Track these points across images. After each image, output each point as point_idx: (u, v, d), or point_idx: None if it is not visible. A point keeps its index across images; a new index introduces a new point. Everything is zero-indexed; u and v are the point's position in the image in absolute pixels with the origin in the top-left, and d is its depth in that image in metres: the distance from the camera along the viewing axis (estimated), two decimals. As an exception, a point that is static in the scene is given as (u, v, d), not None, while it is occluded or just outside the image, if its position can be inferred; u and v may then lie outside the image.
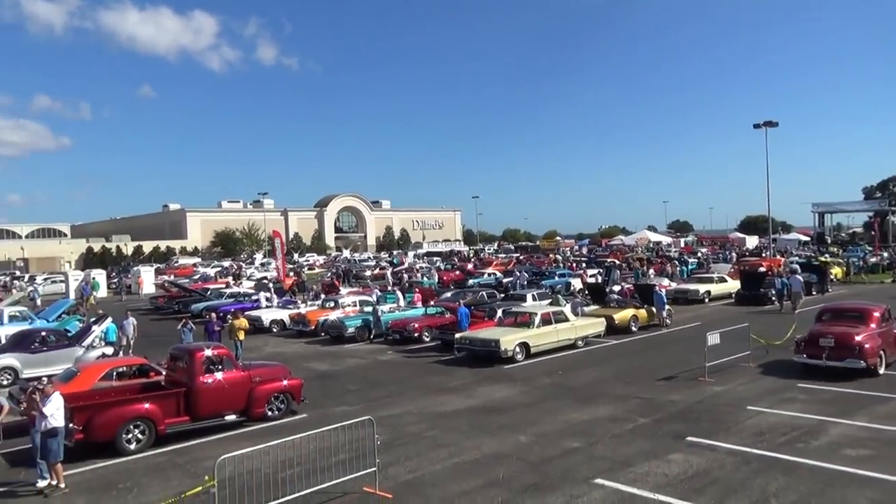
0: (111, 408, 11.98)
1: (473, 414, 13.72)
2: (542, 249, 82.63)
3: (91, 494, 9.97)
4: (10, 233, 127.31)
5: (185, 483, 9.94)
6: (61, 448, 10.24)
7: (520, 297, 27.97)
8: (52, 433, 10.11)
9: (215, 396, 12.89)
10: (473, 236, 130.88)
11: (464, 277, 45.26)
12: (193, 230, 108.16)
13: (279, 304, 31.07)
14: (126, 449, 11.76)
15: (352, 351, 22.39)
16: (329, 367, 19.74)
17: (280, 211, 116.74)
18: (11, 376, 17.99)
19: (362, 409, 13.71)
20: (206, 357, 13.10)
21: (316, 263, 72.89)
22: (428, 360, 20.10)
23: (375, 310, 24.96)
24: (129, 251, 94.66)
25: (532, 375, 17.25)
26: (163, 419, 12.23)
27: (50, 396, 10.35)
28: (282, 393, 13.89)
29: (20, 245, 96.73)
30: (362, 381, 17.50)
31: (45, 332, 20.26)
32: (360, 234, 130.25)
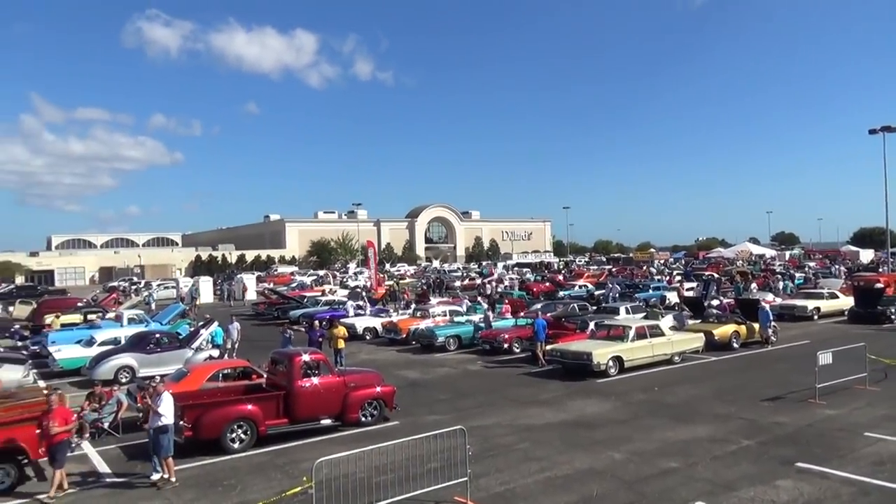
0: (218, 407, 12.63)
1: (565, 428, 13.49)
2: (636, 261, 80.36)
3: (199, 489, 10.54)
4: (130, 241, 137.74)
5: (285, 483, 10.34)
6: (171, 444, 10.91)
7: (612, 310, 27.29)
8: (164, 430, 10.80)
9: (312, 400, 13.33)
10: (563, 247, 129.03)
11: (554, 289, 44.72)
12: (291, 240, 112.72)
13: (372, 313, 31.76)
14: (230, 447, 12.36)
15: (442, 360, 22.57)
16: (420, 375, 19.98)
17: (373, 221, 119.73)
18: (129, 375, 19.33)
19: (453, 419, 13.78)
20: (304, 362, 13.58)
21: (406, 273, 74.14)
22: (518, 372, 19.96)
23: (487, 317, 25.18)
24: (233, 259, 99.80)
25: (626, 391, 16.77)
26: (264, 420, 12.77)
27: (161, 395, 11.05)
28: (375, 399, 14.20)
29: (137, 253, 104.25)
30: (452, 391, 17.60)
31: (159, 335, 21.65)
32: (450, 244, 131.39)
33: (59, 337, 23.92)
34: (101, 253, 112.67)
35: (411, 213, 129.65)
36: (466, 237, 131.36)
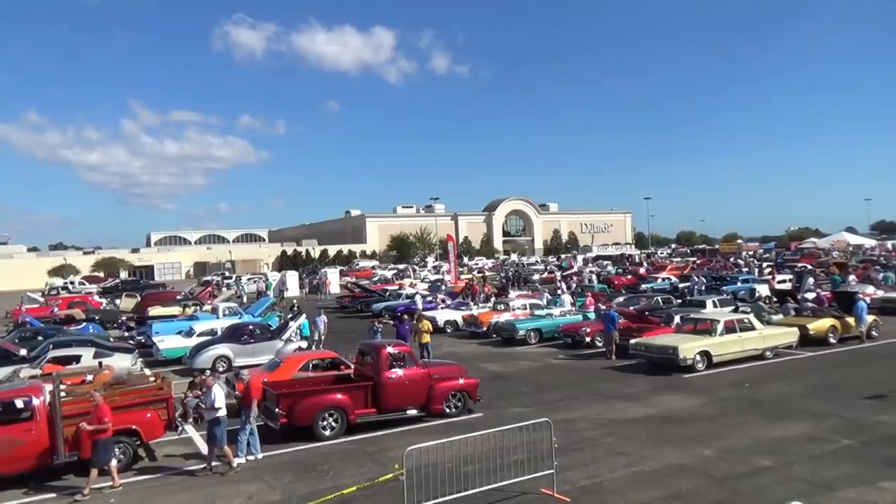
0: (309, 396, 13.21)
1: (652, 423, 13.29)
2: (722, 253, 77.30)
3: (295, 473, 11.09)
4: (221, 238, 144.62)
5: (375, 470, 10.74)
6: (225, 434, 11.42)
7: (698, 304, 26.47)
8: (217, 422, 11.34)
9: (398, 391, 13.72)
10: (645, 239, 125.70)
11: (636, 282, 43.74)
12: (372, 234, 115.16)
13: (452, 306, 32.11)
14: (322, 435, 12.91)
15: (523, 353, 22.61)
16: (502, 368, 20.11)
17: (450, 215, 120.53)
18: (226, 364, 20.43)
19: (536, 412, 13.82)
20: (390, 354, 13.99)
21: (484, 267, 74.31)
22: (601, 366, 19.75)
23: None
24: (316, 254, 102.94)
25: (714, 386, 16.31)
26: (353, 409, 13.26)
27: (212, 389, 11.58)
28: (459, 391, 14.45)
29: (228, 248, 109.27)
30: (535, 384, 17.64)
31: (252, 326, 22.74)
32: (528, 237, 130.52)
33: (162, 328, 25.52)
34: (195, 249, 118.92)
35: (489, 206, 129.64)
36: (544, 230, 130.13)
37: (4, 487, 10.83)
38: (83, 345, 19.93)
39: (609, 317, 21.01)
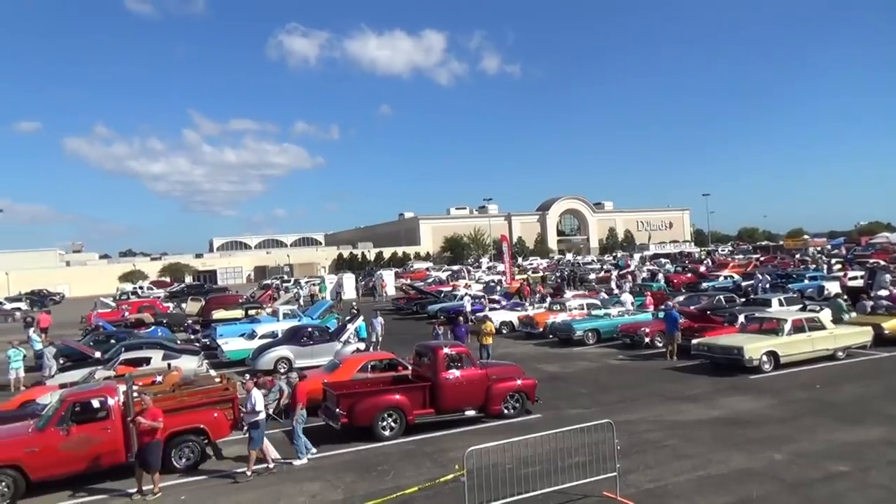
0: (369, 397, 13.36)
1: (717, 425, 12.91)
2: (786, 249, 74.46)
3: (356, 472, 11.24)
4: (279, 242, 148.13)
5: (434, 470, 10.78)
6: (261, 437, 11.61)
7: (763, 302, 25.60)
8: (255, 425, 11.51)
9: (456, 392, 13.74)
10: (704, 237, 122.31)
11: (696, 280, 42.60)
12: (425, 236, 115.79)
13: (507, 307, 31.97)
14: (381, 435, 13.05)
15: (581, 354, 22.32)
16: (559, 369, 19.90)
17: (504, 216, 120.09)
18: (287, 365, 20.86)
19: (596, 413, 13.61)
20: (447, 355, 14.02)
21: (539, 267, 73.74)
22: (661, 366, 19.31)
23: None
24: (371, 257, 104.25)
25: (783, 388, 15.72)
26: (412, 410, 13.35)
27: (251, 393, 11.76)
28: (517, 392, 14.37)
29: (286, 252, 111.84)
30: (593, 385, 17.39)
31: (311, 328, 23.19)
32: (583, 236, 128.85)
33: (226, 331, 26.29)
34: (254, 253, 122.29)
35: (542, 205, 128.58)
36: (599, 229, 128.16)
37: (48, 490, 11.05)
38: (153, 347, 20.75)
39: (671, 317, 20.53)
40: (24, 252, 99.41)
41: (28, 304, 58.82)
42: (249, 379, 12.92)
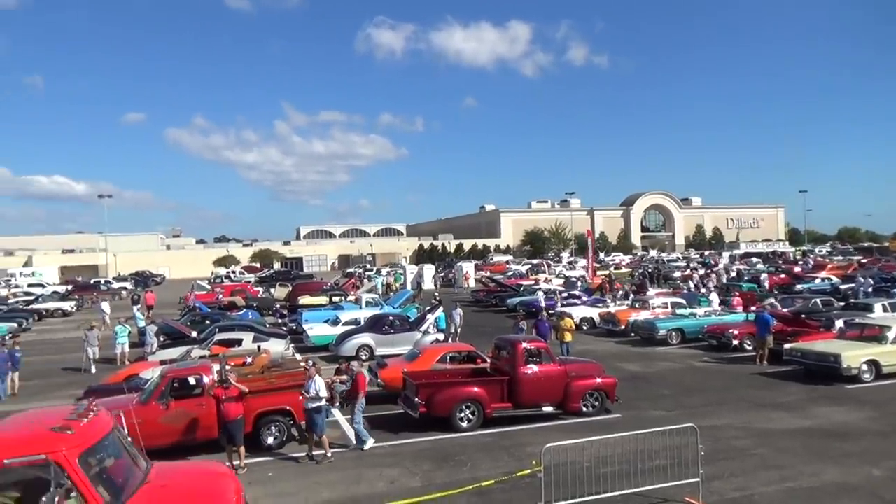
0: (448, 388, 13.54)
1: (809, 436, 12.29)
2: (892, 251, 69.41)
3: (433, 462, 11.44)
4: (362, 231, 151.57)
5: (512, 464, 10.84)
6: (325, 423, 11.88)
7: (865, 307, 24.03)
8: (318, 410, 11.77)
9: (534, 387, 13.71)
10: (800, 236, 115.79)
11: (790, 282, 40.44)
12: (506, 229, 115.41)
13: (589, 303, 31.48)
14: (459, 426, 13.21)
15: (663, 354, 21.74)
16: (641, 368, 19.47)
17: (586, 210, 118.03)
18: (368, 353, 21.42)
19: (679, 416, 13.28)
20: (527, 349, 14.00)
21: (621, 263, 72.08)
22: (750, 371, 18.53)
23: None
24: (451, 248, 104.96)
25: (885, 399, 14.76)
26: (489, 403, 13.43)
27: (313, 378, 12.02)
28: (596, 390, 14.19)
29: (369, 242, 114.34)
30: (677, 387, 16.92)
31: (392, 317, 23.67)
32: (668, 233, 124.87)
33: (311, 316, 27.25)
34: (339, 242, 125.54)
35: (626, 200, 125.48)
36: (686, 225, 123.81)
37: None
38: (244, 329, 21.80)
39: (763, 319, 19.65)
40: (130, 235, 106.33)
41: (133, 284, 62.92)
42: (312, 365, 13.27)
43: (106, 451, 6.43)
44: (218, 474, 7.96)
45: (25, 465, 5.84)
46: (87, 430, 6.44)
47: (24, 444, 6.06)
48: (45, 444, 6.01)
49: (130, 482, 6.48)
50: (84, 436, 6.29)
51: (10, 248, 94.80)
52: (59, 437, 6.12)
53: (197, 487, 7.16)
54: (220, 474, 7.96)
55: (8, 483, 5.99)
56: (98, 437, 6.41)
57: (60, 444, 6.01)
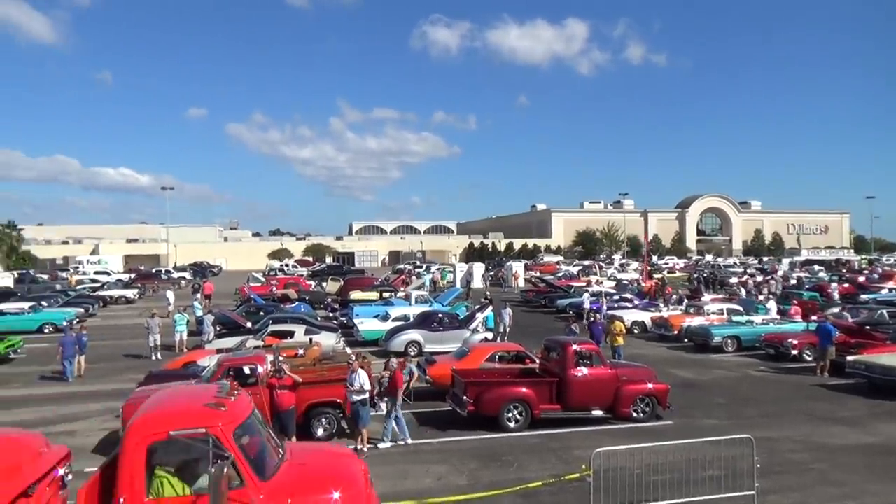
0: (496, 387, 13.53)
1: (873, 453, 11.78)
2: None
3: (480, 461, 11.45)
4: (413, 228, 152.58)
5: (559, 467, 10.76)
6: (369, 416, 12.03)
7: (937, 321, 22.86)
8: (362, 403, 11.88)
9: (584, 390, 13.56)
10: (866, 243, 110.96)
11: (854, 291, 38.79)
12: (557, 229, 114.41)
13: (641, 307, 30.94)
14: (507, 426, 13.18)
15: (718, 361, 21.19)
16: (694, 375, 19.03)
17: (640, 212, 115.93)
18: (417, 349, 21.59)
19: (733, 426, 12.91)
20: (577, 351, 13.86)
21: (676, 267, 70.51)
22: (809, 382, 17.88)
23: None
24: (501, 247, 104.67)
25: (957, 419, 14.03)
26: (538, 404, 13.36)
27: (357, 372, 12.10)
28: (647, 396, 13.95)
29: (419, 239, 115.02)
30: (731, 395, 16.47)
31: (441, 314, 23.78)
32: (725, 237, 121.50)
33: (362, 311, 27.61)
34: (390, 238, 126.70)
35: (682, 203, 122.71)
36: (744, 230, 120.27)
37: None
38: (297, 322, 22.26)
39: (825, 329, 18.93)
40: (190, 227, 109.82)
41: (191, 274, 64.98)
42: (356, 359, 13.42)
43: (250, 430, 6.72)
44: (345, 455, 8.25)
45: (188, 437, 6.17)
46: (236, 407, 6.79)
47: (186, 418, 6.41)
48: (204, 418, 6.35)
49: (272, 460, 6.78)
50: (235, 413, 6.63)
51: (79, 237, 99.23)
52: (214, 412, 6.46)
53: (331, 466, 7.43)
54: (347, 455, 8.26)
55: (168, 454, 6.34)
56: (244, 416, 6.74)
57: (217, 419, 6.34)
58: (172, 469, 6.31)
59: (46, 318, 28.78)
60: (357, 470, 7.35)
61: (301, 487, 6.56)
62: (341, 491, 6.70)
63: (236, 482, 5.95)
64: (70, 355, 18.77)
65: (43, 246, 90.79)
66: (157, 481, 6.11)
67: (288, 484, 6.54)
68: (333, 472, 7.17)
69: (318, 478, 6.89)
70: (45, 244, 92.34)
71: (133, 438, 6.16)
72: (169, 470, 6.26)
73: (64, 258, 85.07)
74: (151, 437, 6.19)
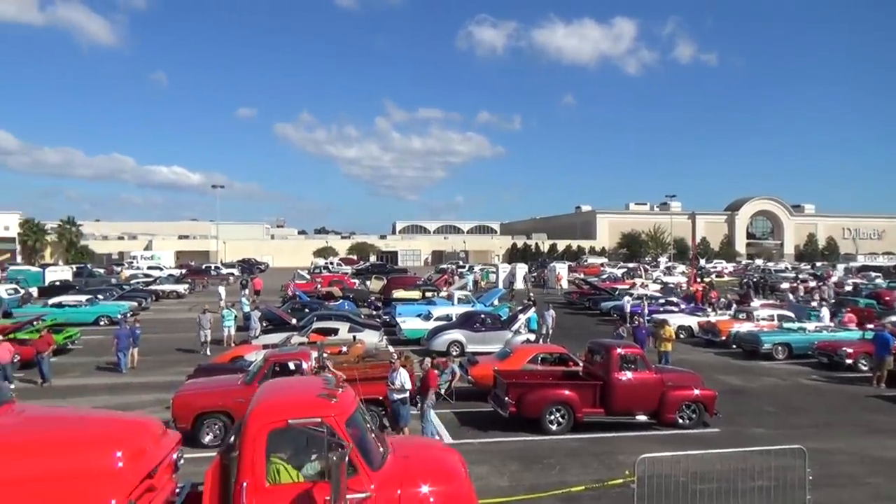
0: (538, 389, 13.46)
1: (933, 468, 11.31)
2: None
3: (521, 463, 11.41)
4: (456, 228, 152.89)
5: (602, 472, 10.64)
6: (409, 414, 12.06)
7: None
8: (403, 401, 11.87)
9: (628, 394, 13.38)
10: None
11: (916, 299, 37.17)
12: (602, 231, 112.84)
13: (687, 311, 30.31)
14: (549, 428, 13.11)
15: (768, 369, 20.61)
16: (742, 382, 18.56)
17: (687, 214, 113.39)
18: (459, 349, 21.62)
19: (782, 436, 12.55)
20: (621, 355, 13.68)
21: (724, 271, 68.84)
22: (865, 393, 17.25)
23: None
24: (545, 248, 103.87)
25: None
26: (581, 407, 13.24)
27: (398, 371, 12.09)
28: (694, 402, 13.67)
29: (462, 239, 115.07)
30: (782, 404, 16.01)
31: (484, 315, 23.75)
32: (776, 241, 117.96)
33: (405, 310, 27.78)
34: (433, 238, 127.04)
35: (731, 205, 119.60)
36: (797, 234, 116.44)
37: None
38: (341, 319, 22.55)
39: (882, 339, 18.24)
40: (239, 224, 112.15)
41: (239, 270, 66.45)
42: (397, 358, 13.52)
43: (357, 422, 6.90)
44: (445, 449, 8.36)
45: (305, 425, 6.35)
46: (346, 399, 6.95)
47: (303, 407, 6.58)
48: (319, 407, 6.52)
49: (378, 451, 6.92)
50: (345, 404, 6.80)
51: (134, 233, 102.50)
52: (328, 403, 6.63)
53: (434, 459, 7.53)
54: (446, 449, 8.35)
55: (283, 442, 6.54)
56: (353, 408, 6.90)
57: (331, 409, 6.51)
58: (285, 457, 6.47)
59: (102, 311, 29.87)
60: (459, 463, 7.44)
61: (410, 478, 6.66)
62: (448, 484, 6.81)
63: (349, 471, 6.06)
64: (124, 347, 19.43)
65: (100, 241, 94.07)
66: (272, 468, 6.28)
67: (396, 475, 6.65)
68: (438, 466, 7.27)
69: (425, 470, 6.98)
70: (102, 239, 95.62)
71: (254, 425, 6.34)
72: (281, 457, 6.43)
73: (119, 253, 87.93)
74: (271, 425, 6.36)
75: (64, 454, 5.55)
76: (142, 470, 5.73)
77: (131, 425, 6.39)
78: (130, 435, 6.03)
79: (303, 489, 6.20)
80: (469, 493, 6.86)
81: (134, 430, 6.19)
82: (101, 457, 5.56)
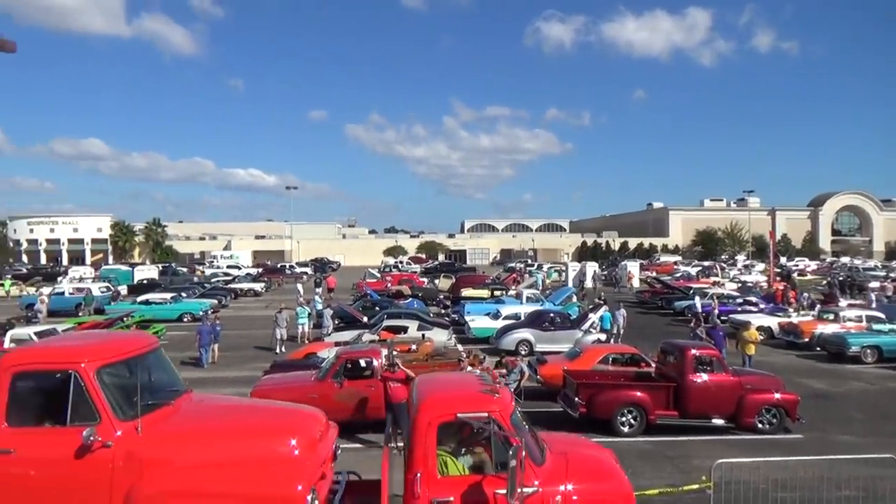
0: (610, 390, 13.24)
1: None
2: None
3: (592, 464, 11.25)
4: (524, 226, 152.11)
5: (676, 477, 10.36)
6: None
7: None
8: None
9: (704, 396, 12.98)
10: None
11: None
12: (675, 228, 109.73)
13: (767, 311, 29.08)
14: (620, 430, 12.87)
15: (855, 373, 19.55)
16: (827, 386, 17.68)
17: (766, 210, 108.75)
18: (528, 348, 21.51)
19: (873, 444, 11.89)
20: (696, 356, 13.28)
21: (807, 269, 65.64)
22: (967, 401, 16.11)
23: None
24: (616, 246, 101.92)
25: None
26: (653, 409, 12.94)
27: (466, 370, 11.95)
28: (774, 406, 13.12)
29: (531, 237, 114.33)
30: (871, 410, 15.15)
31: (553, 314, 23.53)
32: (864, 237, 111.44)
33: (473, 308, 27.86)
34: (501, 236, 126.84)
35: (814, 200, 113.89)
36: (887, 230, 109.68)
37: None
38: (410, 318, 22.83)
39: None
40: (311, 224, 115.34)
41: (312, 269, 68.34)
42: (466, 357, 13.48)
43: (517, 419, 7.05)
44: (598, 446, 8.48)
45: (472, 419, 6.60)
46: (505, 395, 7.22)
47: (472, 402, 6.83)
48: (486, 402, 6.76)
49: (537, 448, 7.05)
50: (506, 400, 7.04)
51: (214, 233, 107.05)
52: (493, 398, 6.88)
53: (592, 457, 7.65)
54: (599, 446, 8.46)
55: (450, 434, 6.81)
56: (513, 405, 7.10)
57: (496, 404, 6.76)
58: (448, 449, 6.67)
59: (185, 308, 31.35)
60: (614, 460, 7.53)
61: (574, 475, 6.73)
62: (610, 481, 6.91)
63: None
64: (206, 343, 20.32)
65: (182, 241, 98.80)
66: (440, 460, 6.47)
67: (560, 470, 6.75)
68: (599, 463, 7.36)
69: (587, 467, 7.08)
70: (184, 240, 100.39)
71: (425, 418, 6.54)
72: (446, 450, 6.62)
73: (201, 253, 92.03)
74: (441, 418, 6.55)
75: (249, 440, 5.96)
76: (317, 458, 6.04)
77: (303, 415, 6.74)
78: (303, 425, 6.40)
79: (473, 481, 6.35)
80: (629, 492, 6.86)
81: (306, 420, 6.53)
82: (280, 444, 5.93)
